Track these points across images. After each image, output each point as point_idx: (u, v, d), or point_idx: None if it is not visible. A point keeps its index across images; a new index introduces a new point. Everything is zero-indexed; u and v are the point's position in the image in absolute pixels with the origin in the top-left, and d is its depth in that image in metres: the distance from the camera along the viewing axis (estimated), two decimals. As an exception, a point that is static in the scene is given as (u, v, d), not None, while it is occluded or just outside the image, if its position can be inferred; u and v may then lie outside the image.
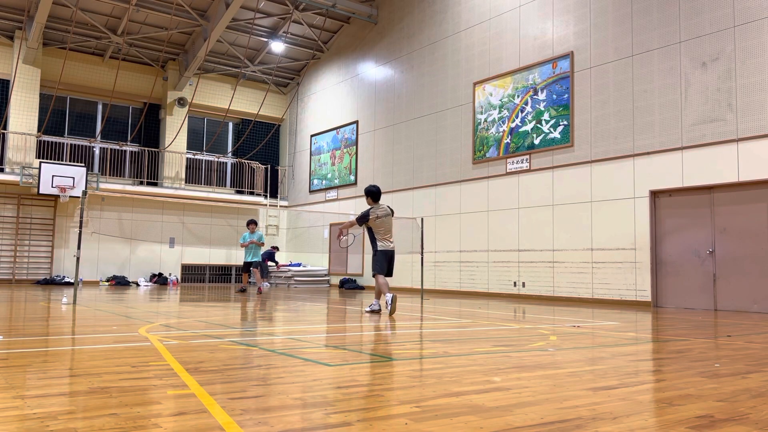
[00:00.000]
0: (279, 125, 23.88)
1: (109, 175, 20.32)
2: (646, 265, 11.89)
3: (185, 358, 4.40)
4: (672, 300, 11.62)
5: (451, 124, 16.48)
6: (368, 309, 9.00)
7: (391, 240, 9.09)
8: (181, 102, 21.44)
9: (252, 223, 14.84)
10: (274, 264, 20.51)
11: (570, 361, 4.62)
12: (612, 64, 12.74)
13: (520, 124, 14.53)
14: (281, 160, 23.96)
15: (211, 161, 22.54)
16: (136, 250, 20.28)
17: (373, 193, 9.14)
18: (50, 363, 4.21)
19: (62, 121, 20.34)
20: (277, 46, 21.23)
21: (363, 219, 8.97)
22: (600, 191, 12.80)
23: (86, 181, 18.36)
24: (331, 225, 20.69)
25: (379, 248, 8.95)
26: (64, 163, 18.94)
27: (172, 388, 3.30)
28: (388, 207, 9.29)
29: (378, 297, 8.97)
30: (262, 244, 14.99)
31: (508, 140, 14.79)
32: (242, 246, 14.77)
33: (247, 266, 15.04)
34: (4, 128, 18.60)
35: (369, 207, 9.08)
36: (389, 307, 8.46)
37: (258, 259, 14.88)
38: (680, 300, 11.51)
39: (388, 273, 9.00)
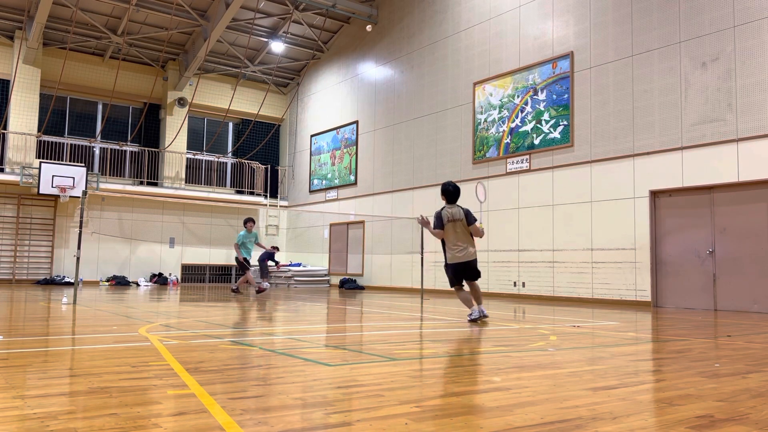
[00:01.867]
0: (279, 125, 23.88)
1: (109, 175, 20.32)
2: (646, 265, 11.89)
3: (185, 358, 4.40)
4: (672, 300, 11.62)
5: (451, 124, 16.48)
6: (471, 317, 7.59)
7: (460, 247, 7.71)
8: (181, 102, 21.44)
9: (250, 222, 14.38)
10: (274, 264, 20.49)
11: (570, 361, 4.62)
12: (612, 64, 12.74)
13: (520, 124, 14.53)
14: (281, 160, 23.96)
15: (211, 161, 22.54)
16: (136, 250, 20.28)
17: (449, 193, 7.84)
18: (50, 363, 4.21)
19: (62, 121, 20.34)
20: (277, 46, 21.23)
21: (438, 221, 7.69)
22: (600, 191, 12.80)
23: (86, 181, 18.36)
24: (331, 225, 20.70)
25: (447, 260, 7.80)
26: (64, 163, 18.94)
27: (172, 388, 3.30)
28: (461, 208, 7.82)
29: (470, 305, 7.66)
30: (260, 244, 14.76)
31: (508, 140, 14.79)
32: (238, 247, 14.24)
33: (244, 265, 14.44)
34: (4, 128, 18.60)
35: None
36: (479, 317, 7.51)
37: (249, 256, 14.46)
38: (680, 300, 11.51)
39: (471, 277, 7.79)
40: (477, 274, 7.90)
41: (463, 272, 7.77)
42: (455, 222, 7.65)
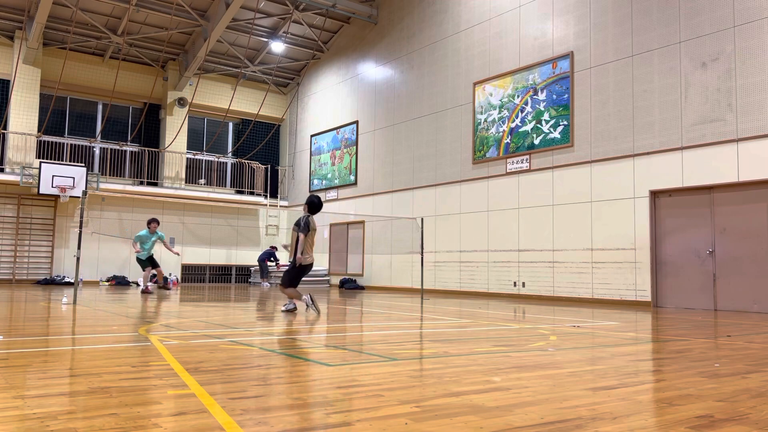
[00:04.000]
0: (279, 125, 23.88)
1: (109, 175, 20.32)
2: (646, 265, 11.89)
3: (185, 358, 4.40)
4: (672, 300, 11.62)
5: (451, 124, 16.48)
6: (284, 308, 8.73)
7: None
8: (181, 102, 21.44)
9: (153, 222, 14.14)
10: (273, 263, 20.51)
11: (570, 361, 4.62)
12: (612, 64, 12.74)
13: (520, 124, 14.53)
14: (281, 160, 23.96)
15: (211, 161, 22.54)
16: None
17: (314, 205, 8.75)
18: (50, 363, 4.21)
19: (62, 121, 20.34)
20: (277, 46, 21.23)
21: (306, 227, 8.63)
22: (600, 191, 12.80)
23: (86, 181, 18.36)
24: (331, 225, 20.70)
25: (307, 262, 8.67)
26: (64, 163, 18.94)
27: (172, 388, 3.30)
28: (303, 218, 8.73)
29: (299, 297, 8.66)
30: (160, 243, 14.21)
31: (508, 140, 14.79)
32: (138, 249, 13.93)
33: (144, 263, 14.06)
34: (4, 128, 18.60)
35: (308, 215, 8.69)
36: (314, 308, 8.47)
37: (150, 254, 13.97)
38: (680, 300, 11.51)
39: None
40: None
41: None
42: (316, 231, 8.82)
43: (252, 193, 22.64)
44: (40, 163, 18.07)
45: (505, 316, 9.11)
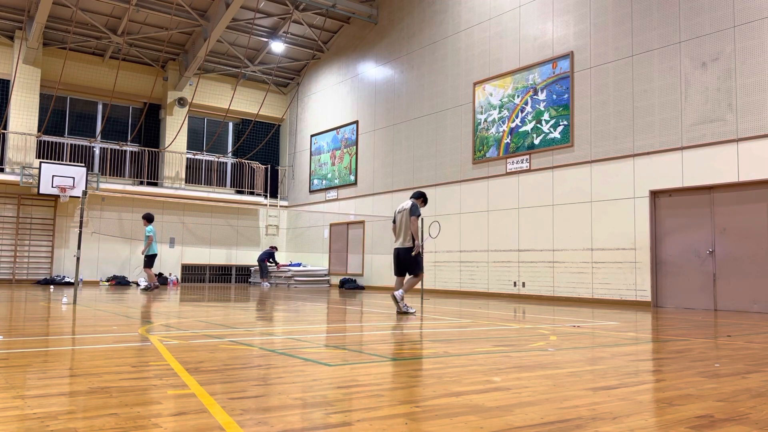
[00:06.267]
0: (279, 125, 23.88)
1: (109, 175, 20.33)
2: (646, 265, 11.89)
3: (185, 358, 4.40)
4: (672, 300, 11.62)
5: (451, 124, 16.48)
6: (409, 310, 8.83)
7: (397, 239, 9.12)
8: (181, 102, 21.44)
9: (145, 219, 14.82)
10: (273, 264, 20.52)
11: (570, 361, 4.62)
12: (612, 64, 12.74)
13: (520, 124, 14.53)
14: (281, 160, 23.96)
15: (211, 161, 22.55)
16: (136, 250, 20.26)
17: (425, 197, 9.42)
18: (50, 363, 4.21)
19: (62, 121, 20.34)
20: (277, 46, 21.24)
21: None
22: (600, 191, 12.80)
23: (86, 181, 18.36)
24: (331, 225, 20.70)
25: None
26: (64, 163, 18.94)
27: (172, 388, 3.30)
28: (407, 202, 9.11)
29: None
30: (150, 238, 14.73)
31: (508, 140, 14.79)
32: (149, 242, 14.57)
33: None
34: (4, 128, 18.60)
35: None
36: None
37: (152, 252, 14.63)
38: (680, 300, 11.51)
39: (396, 272, 9.12)
40: (405, 267, 9.03)
41: (394, 259, 9.20)
42: (401, 213, 9.10)
43: (252, 193, 22.64)
44: (40, 163, 18.07)
45: (505, 316, 9.11)
